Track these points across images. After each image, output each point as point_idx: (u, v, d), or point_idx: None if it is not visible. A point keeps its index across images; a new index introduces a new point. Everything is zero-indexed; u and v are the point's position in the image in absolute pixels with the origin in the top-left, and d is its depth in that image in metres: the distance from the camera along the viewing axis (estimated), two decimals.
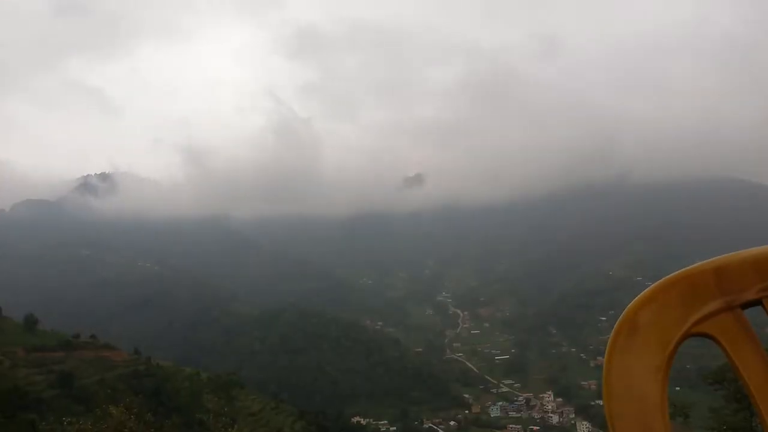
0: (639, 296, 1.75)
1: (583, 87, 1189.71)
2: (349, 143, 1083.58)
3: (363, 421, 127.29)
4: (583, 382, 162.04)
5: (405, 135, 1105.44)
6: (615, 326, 1.73)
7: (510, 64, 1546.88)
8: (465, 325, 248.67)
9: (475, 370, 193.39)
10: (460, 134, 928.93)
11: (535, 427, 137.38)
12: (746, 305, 1.71)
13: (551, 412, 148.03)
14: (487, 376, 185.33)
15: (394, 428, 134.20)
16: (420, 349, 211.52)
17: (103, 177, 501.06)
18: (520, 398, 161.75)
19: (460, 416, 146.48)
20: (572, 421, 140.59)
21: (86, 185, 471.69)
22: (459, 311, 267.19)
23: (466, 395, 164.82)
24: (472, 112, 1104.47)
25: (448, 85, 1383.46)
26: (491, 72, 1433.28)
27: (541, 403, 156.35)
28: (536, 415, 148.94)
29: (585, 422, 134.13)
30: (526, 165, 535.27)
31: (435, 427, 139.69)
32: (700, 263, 1.75)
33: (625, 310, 1.74)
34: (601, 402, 1.72)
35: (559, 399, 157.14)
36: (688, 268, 1.75)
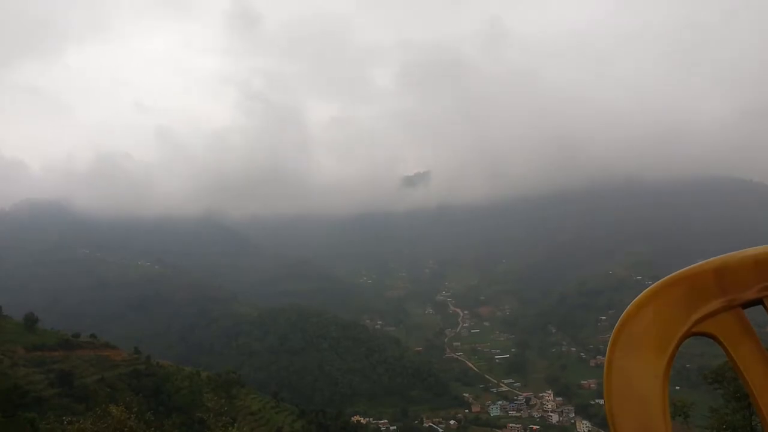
0: (639, 296, 1.76)
1: (572, 83, 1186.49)
2: (345, 142, 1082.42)
3: (363, 420, 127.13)
4: (582, 382, 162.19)
5: (402, 134, 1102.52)
6: (616, 326, 1.74)
7: (501, 57, 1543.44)
8: (465, 325, 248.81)
9: (475, 369, 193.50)
10: (457, 132, 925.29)
11: (535, 427, 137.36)
12: (747, 305, 1.72)
13: (551, 411, 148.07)
14: (487, 375, 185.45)
15: (394, 427, 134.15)
16: (420, 349, 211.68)
17: (96, 176, 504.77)
18: (520, 397, 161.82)
19: (460, 415, 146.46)
20: (572, 420, 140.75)
21: (85, 183, 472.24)
22: (459, 310, 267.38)
23: (466, 394, 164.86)
24: (466, 111, 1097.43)
25: (439, 81, 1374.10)
26: (482, 68, 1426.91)
27: (541, 402, 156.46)
28: (536, 414, 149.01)
29: (585, 421, 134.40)
30: (524, 164, 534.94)
31: (435, 426, 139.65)
32: (700, 263, 1.76)
33: (626, 309, 1.75)
34: (601, 401, 1.73)
35: (559, 398, 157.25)
36: (688, 267, 1.76)
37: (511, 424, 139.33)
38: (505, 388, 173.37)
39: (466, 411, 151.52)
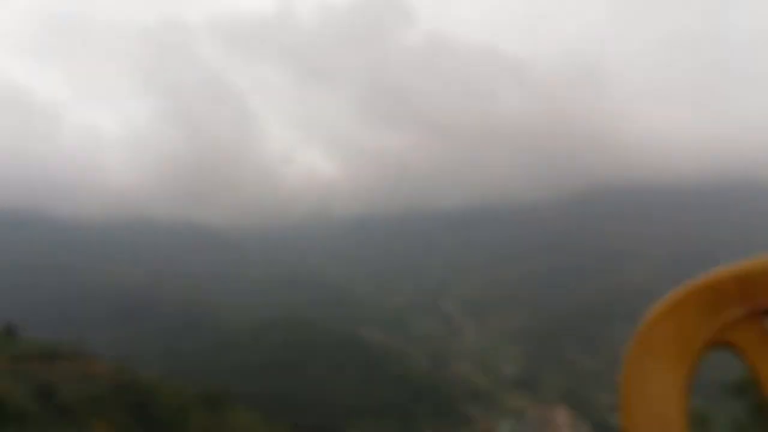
0: (658, 305, 1.75)
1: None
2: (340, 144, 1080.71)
3: None
4: (598, 396, 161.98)
5: (401, 136, 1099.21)
6: (633, 336, 1.73)
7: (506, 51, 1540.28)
8: (471, 336, 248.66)
9: (482, 383, 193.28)
10: (459, 133, 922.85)
11: None
12: None
13: (564, 428, 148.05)
14: (495, 390, 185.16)
15: None
16: (423, 362, 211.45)
17: (75, 180, 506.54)
18: (531, 413, 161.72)
19: None
20: None
21: (65, 189, 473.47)
22: (465, 321, 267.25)
23: (473, 411, 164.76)
24: (465, 112, 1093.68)
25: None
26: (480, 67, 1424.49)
27: (554, 419, 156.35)
28: None
29: None
30: (537, 166, 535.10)
31: None
32: (721, 269, 1.76)
33: (644, 320, 1.74)
34: (617, 417, 1.71)
35: (573, 413, 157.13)
36: (709, 274, 1.76)
37: None
38: (514, 404, 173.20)
39: (474, 429, 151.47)
